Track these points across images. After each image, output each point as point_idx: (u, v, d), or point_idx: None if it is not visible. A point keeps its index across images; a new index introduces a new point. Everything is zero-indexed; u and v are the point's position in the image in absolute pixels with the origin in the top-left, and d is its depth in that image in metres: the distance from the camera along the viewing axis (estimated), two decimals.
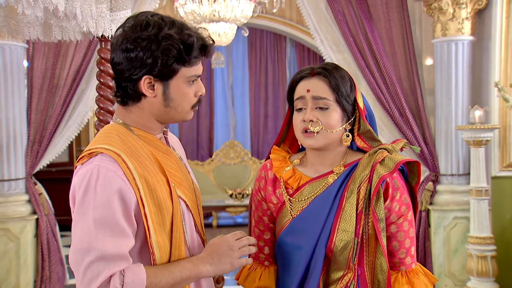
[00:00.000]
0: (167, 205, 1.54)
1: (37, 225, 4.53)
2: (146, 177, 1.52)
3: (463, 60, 4.47)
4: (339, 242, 1.65)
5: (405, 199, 1.69)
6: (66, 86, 4.58)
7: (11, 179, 4.47)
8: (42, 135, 4.57)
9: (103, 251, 1.43)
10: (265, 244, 1.83)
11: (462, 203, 4.49)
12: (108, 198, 1.46)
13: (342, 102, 1.69)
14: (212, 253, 1.58)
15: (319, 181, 1.72)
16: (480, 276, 4.13)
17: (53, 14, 2.55)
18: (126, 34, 1.53)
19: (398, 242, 1.69)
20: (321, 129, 1.68)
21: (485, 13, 4.44)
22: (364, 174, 1.67)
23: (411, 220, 1.71)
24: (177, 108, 1.59)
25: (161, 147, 1.63)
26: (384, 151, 1.70)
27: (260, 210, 1.83)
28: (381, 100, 4.63)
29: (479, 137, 4.10)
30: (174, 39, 1.51)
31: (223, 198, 8.29)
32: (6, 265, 4.43)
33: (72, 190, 1.52)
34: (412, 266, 1.71)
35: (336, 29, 4.71)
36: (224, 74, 9.25)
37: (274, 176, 1.80)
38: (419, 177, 1.74)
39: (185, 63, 1.55)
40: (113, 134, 1.57)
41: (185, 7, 4.99)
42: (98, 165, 1.48)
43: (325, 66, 1.74)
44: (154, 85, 1.55)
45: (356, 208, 1.65)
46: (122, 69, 1.54)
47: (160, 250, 1.52)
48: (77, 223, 1.48)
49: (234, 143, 9.05)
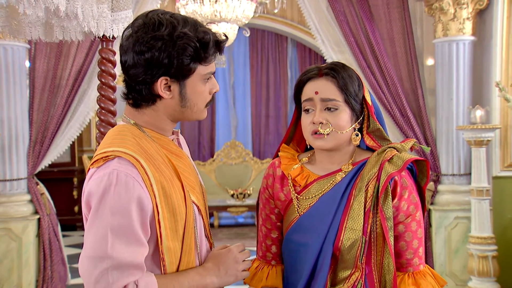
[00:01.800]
0: (181, 211, 1.50)
1: (39, 225, 4.54)
2: (162, 183, 1.47)
3: (464, 60, 4.47)
4: (346, 241, 1.63)
5: (413, 198, 1.66)
6: (68, 86, 4.58)
7: (13, 179, 4.47)
8: (44, 135, 4.58)
9: (119, 259, 1.38)
10: (273, 243, 1.82)
11: (463, 203, 4.49)
12: (127, 205, 1.40)
13: (351, 102, 1.67)
14: (219, 265, 1.57)
15: (327, 179, 1.70)
16: (481, 276, 4.13)
17: (54, 14, 2.56)
18: (138, 35, 1.47)
19: (405, 242, 1.66)
20: (331, 130, 1.65)
21: (486, 13, 4.44)
22: (373, 172, 1.64)
23: (420, 220, 1.68)
24: (193, 107, 1.55)
25: (175, 150, 1.59)
26: (393, 149, 1.68)
27: (268, 208, 1.82)
28: (382, 100, 4.64)
29: (480, 137, 4.10)
30: (190, 38, 1.46)
31: (225, 198, 8.29)
32: (8, 264, 4.44)
33: (87, 194, 1.45)
34: (420, 268, 1.68)
35: (337, 29, 4.71)
36: (225, 74, 9.25)
37: (282, 174, 1.78)
38: (428, 177, 1.72)
39: (202, 61, 1.50)
40: (128, 136, 1.51)
41: (186, 7, 5.00)
42: (117, 170, 1.42)
43: (332, 66, 1.70)
44: (171, 86, 1.50)
45: (364, 206, 1.63)
46: (137, 72, 1.48)
47: (171, 256, 1.49)
48: (91, 229, 1.42)
49: (236, 143, 9.05)
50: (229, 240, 7.46)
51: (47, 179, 5.40)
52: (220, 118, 9.33)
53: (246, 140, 9.27)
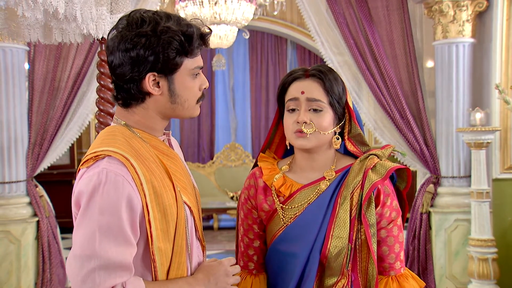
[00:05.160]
0: (172, 211, 1.49)
1: (38, 228, 4.53)
2: (153, 182, 1.46)
3: (463, 62, 4.46)
4: (333, 249, 1.65)
5: (395, 205, 1.71)
6: (67, 88, 4.58)
7: (12, 181, 4.47)
8: (43, 137, 4.57)
9: (107, 259, 1.37)
10: (255, 252, 1.82)
11: (463, 205, 4.48)
12: (116, 204, 1.39)
13: (335, 104, 1.70)
14: (209, 276, 1.56)
15: (311, 188, 1.72)
16: (481, 278, 4.12)
17: (53, 16, 2.55)
18: (122, 34, 1.47)
19: (388, 247, 1.71)
20: (314, 131, 1.67)
21: (486, 15, 4.44)
22: (357, 180, 1.67)
23: (400, 225, 1.73)
24: (183, 103, 1.54)
25: (166, 150, 1.58)
26: (374, 157, 1.71)
27: (250, 219, 1.81)
28: (381, 102, 4.63)
29: (480, 139, 4.09)
30: (174, 31, 1.47)
31: (224, 200, 8.28)
32: (7, 267, 4.43)
33: (77, 194, 1.44)
34: (401, 271, 1.73)
35: (337, 31, 4.71)
36: (225, 76, 9.26)
37: (265, 184, 1.78)
38: (408, 183, 1.76)
39: (188, 54, 1.51)
40: (118, 136, 1.50)
41: (186, 9, 5.00)
42: (106, 168, 1.41)
43: (319, 68, 1.73)
44: (159, 82, 1.50)
45: (349, 214, 1.66)
46: (124, 71, 1.48)
47: (162, 257, 1.47)
48: (79, 228, 1.41)
49: (235, 145, 9.05)
50: (228, 242, 7.46)
51: (46, 181, 5.39)
52: (220, 120, 9.33)
53: (245, 142, 9.27)
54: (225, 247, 7.20)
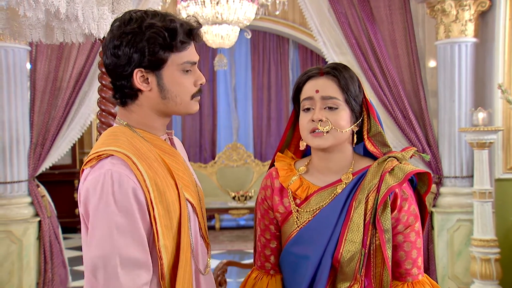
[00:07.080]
0: (175, 208, 1.51)
1: (39, 228, 4.54)
2: (156, 180, 1.48)
3: (466, 62, 4.45)
4: (346, 253, 1.61)
5: (413, 210, 1.64)
6: (68, 88, 4.59)
7: (13, 181, 4.47)
8: (45, 137, 4.58)
9: (126, 256, 1.40)
10: (272, 253, 1.80)
11: (466, 206, 4.47)
12: (128, 203, 1.42)
13: (351, 102, 1.65)
14: None
15: (328, 190, 1.68)
16: (484, 279, 4.11)
17: (54, 16, 2.55)
18: (112, 34, 1.52)
19: (404, 252, 1.64)
20: (330, 128, 1.62)
21: (489, 15, 4.43)
22: (373, 183, 1.62)
23: (419, 230, 1.66)
24: (175, 99, 1.55)
25: (168, 149, 1.60)
26: (393, 159, 1.65)
27: (267, 219, 1.79)
28: (384, 102, 4.62)
29: (482, 139, 4.08)
30: (157, 27, 1.49)
31: (226, 201, 8.28)
32: (9, 267, 4.43)
33: (85, 195, 1.47)
34: (418, 277, 1.66)
35: (339, 31, 4.71)
36: (227, 76, 9.25)
37: (281, 185, 1.75)
38: (429, 187, 1.70)
39: (173, 49, 1.52)
40: (120, 136, 1.53)
41: (187, 9, 5.00)
42: (110, 169, 1.44)
43: (334, 65, 1.69)
44: (148, 78, 1.53)
45: (364, 218, 1.61)
46: (113, 68, 1.53)
47: (168, 254, 1.49)
48: (95, 229, 1.42)
49: (237, 145, 9.04)
50: (230, 242, 7.45)
51: (48, 181, 5.39)
52: (222, 120, 9.32)
53: (247, 142, 9.26)
54: (227, 247, 7.19)
